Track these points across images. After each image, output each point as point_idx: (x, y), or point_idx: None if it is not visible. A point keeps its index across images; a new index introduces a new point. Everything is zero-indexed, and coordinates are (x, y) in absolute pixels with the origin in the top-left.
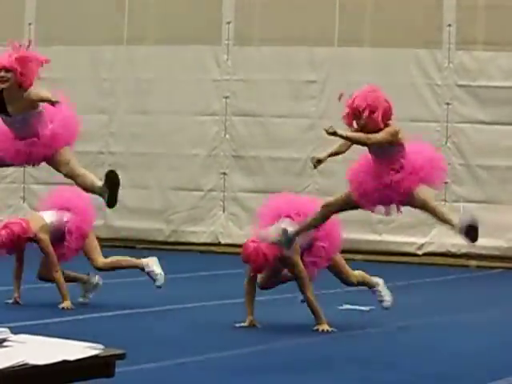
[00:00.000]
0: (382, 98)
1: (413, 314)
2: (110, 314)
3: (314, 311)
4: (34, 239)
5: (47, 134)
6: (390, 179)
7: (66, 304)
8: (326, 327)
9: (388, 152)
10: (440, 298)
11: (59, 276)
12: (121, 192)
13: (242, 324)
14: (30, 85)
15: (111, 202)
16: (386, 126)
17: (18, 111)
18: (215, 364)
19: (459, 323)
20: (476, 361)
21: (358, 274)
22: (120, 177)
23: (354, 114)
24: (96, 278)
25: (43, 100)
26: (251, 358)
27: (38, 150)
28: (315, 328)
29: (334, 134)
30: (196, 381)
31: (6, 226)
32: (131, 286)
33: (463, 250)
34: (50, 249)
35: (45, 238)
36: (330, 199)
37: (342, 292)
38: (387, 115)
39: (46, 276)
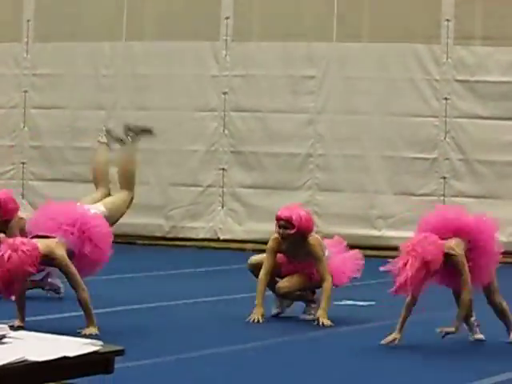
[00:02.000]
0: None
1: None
2: (109, 310)
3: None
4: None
5: None
6: None
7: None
8: (327, 322)
9: None
10: (440, 292)
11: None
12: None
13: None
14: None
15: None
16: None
17: None
18: (216, 359)
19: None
20: (472, 356)
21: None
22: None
23: None
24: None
25: None
26: (252, 354)
27: None
28: (315, 321)
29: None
30: (197, 376)
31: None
32: (129, 283)
33: None
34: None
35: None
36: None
37: (341, 288)
38: None
39: None
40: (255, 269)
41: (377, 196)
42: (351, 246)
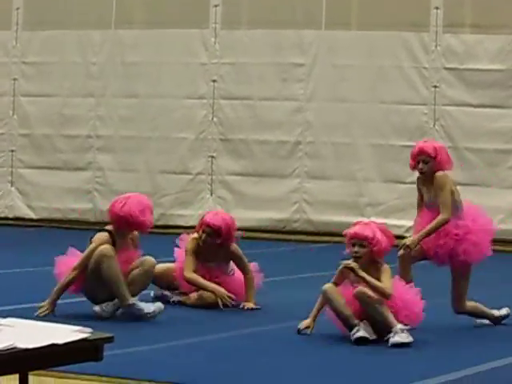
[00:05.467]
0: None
1: None
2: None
3: None
4: None
5: None
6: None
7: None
8: (252, 305)
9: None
10: (428, 280)
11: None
12: (109, 175)
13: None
14: None
15: None
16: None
17: None
18: (206, 346)
19: (447, 306)
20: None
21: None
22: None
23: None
24: None
25: None
26: (243, 340)
27: None
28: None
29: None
30: (186, 363)
31: None
32: None
33: None
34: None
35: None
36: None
37: (330, 275)
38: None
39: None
40: (159, 279)
41: (366, 184)
42: (340, 234)
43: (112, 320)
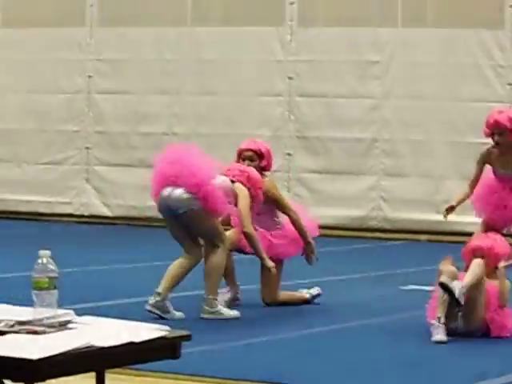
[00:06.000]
0: None
1: None
2: (175, 295)
3: None
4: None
5: None
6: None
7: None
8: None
9: None
10: None
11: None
12: None
13: None
14: None
15: None
16: None
17: None
18: (282, 345)
19: None
20: None
21: None
22: None
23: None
24: None
25: None
26: (319, 338)
27: None
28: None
29: None
30: (262, 361)
31: None
32: (197, 268)
33: None
34: None
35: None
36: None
37: (407, 273)
38: None
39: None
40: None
41: (442, 181)
42: (416, 231)
43: (188, 317)
